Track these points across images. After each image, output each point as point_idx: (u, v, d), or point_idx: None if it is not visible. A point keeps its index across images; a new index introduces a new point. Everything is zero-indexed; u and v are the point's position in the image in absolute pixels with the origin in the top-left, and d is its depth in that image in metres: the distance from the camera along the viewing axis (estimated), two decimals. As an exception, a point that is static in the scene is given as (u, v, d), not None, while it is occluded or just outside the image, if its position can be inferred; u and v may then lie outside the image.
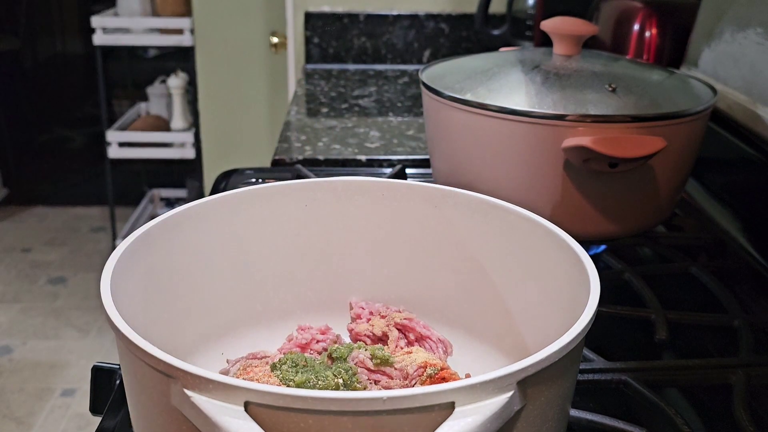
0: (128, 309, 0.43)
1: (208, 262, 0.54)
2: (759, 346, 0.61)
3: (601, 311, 0.51)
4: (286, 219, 0.57)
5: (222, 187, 0.93)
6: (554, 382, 0.38)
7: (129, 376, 0.40)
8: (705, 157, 0.80)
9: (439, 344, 0.55)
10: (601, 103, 0.69)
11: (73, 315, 2.50)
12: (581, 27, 0.78)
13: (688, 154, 0.75)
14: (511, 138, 0.70)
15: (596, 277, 0.44)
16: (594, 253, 0.75)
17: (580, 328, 0.39)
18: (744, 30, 0.86)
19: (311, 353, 0.53)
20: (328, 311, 0.59)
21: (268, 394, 0.33)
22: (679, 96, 0.75)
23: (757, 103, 0.83)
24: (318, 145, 1.12)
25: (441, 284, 0.58)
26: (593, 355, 0.58)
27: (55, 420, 2.02)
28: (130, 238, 0.47)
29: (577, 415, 0.51)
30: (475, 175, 0.74)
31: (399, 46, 1.70)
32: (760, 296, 0.72)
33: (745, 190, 0.84)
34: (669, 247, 0.77)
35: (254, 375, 0.47)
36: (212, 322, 0.55)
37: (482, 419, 0.33)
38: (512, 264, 0.54)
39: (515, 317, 0.54)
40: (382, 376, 0.49)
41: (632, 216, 0.74)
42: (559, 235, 0.49)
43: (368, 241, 0.59)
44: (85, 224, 3.15)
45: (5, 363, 2.24)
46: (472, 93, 0.73)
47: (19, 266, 2.79)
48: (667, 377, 0.57)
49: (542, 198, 0.71)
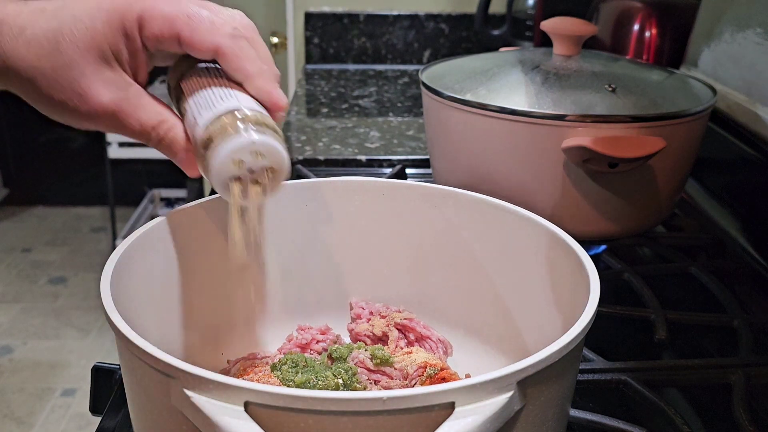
0: (128, 309, 0.43)
1: (208, 262, 0.54)
2: (759, 346, 0.61)
3: (601, 311, 0.51)
4: (286, 219, 0.57)
5: (222, 187, 0.93)
6: (554, 382, 0.38)
7: (129, 376, 0.40)
8: (705, 157, 0.81)
9: (439, 344, 0.55)
10: (600, 103, 0.69)
11: (74, 315, 2.50)
12: (581, 27, 0.78)
13: (687, 154, 0.75)
14: (511, 138, 0.70)
15: (596, 277, 0.44)
16: (594, 253, 0.75)
17: (580, 328, 0.39)
18: (744, 30, 0.86)
19: (311, 353, 0.53)
20: (328, 311, 0.59)
21: (268, 394, 0.33)
22: (678, 96, 0.75)
23: (757, 103, 0.83)
24: (318, 145, 1.12)
25: (441, 284, 0.58)
26: (593, 355, 0.58)
27: (55, 420, 2.02)
28: (130, 238, 0.47)
29: (577, 415, 0.51)
30: (475, 175, 0.74)
31: (399, 46, 1.70)
32: (760, 296, 0.72)
33: (745, 190, 0.84)
34: (669, 247, 0.77)
35: (254, 375, 0.48)
36: (212, 322, 0.55)
37: (482, 419, 0.33)
38: (512, 264, 0.54)
39: (515, 317, 0.54)
40: (382, 377, 0.49)
41: (632, 216, 0.74)
42: (559, 235, 0.49)
43: (368, 241, 0.59)
44: (85, 224, 3.15)
45: (6, 363, 2.24)
46: (472, 93, 0.73)
47: (19, 266, 2.79)
48: (666, 377, 0.57)
49: (542, 198, 0.71)
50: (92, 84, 0.43)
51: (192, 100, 0.45)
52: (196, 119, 0.44)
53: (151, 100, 0.45)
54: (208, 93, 0.44)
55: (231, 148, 0.42)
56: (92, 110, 0.44)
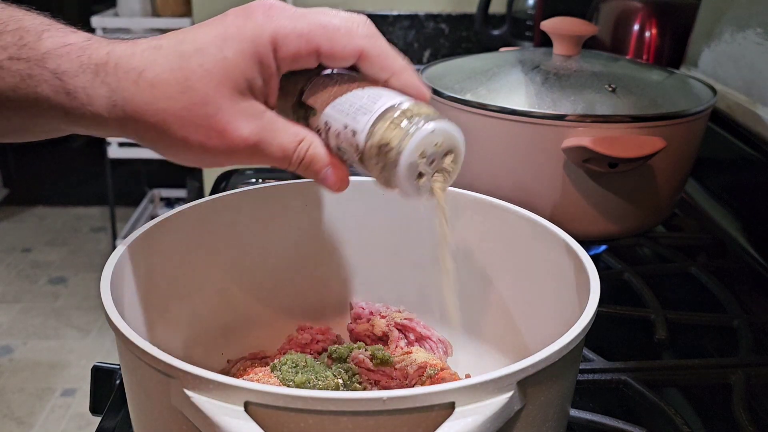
0: (128, 309, 0.43)
1: (208, 262, 0.54)
2: (759, 346, 0.61)
3: (601, 311, 0.51)
4: (286, 219, 0.57)
5: (222, 187, 0.93)
6: (554, 382, 0.38)
7: (129, 376, 0.40)
8: (705, 157, 0.80)
9: (439, 344, 0.55)
10: (600, 103, 0.69)
11: (74, 315, 2.49)
12: (581, 27, 0.78)
13: (687, 154, 0.75)
14: (511, 138, 0.70)
15: (596, 277, 0.44)
16: (594, 253, 0.75)
17: (581, 328, 0.39)
18: (744, 30, 0.86)
19: (311, 353, 0.53)
20: (328, 311, 0.59)
21: (268, 394, 0.33)
22: (678, 96, 0.75)
23: (757, 103, 0.83)
24: (318, 145, 1.12)
25: (441, 284, 0.58)
26: (593, 355, 0.58)
27: (55, 420, 2.02)
28: (130, 238, 0.47)
29: (577, 415, 0.51)
30: (475, 175, 0.74)
31: (399, 46, 1.70)
32: (760, 296, 0.72)
33: (745, 190, 0.84)
34: (669, 247, 0.77)
35: (254, 375, 0.47)
36: (212, 321, 0.55)
37: (482, 419, 0.33)
38: (512, 264, 0.54)
39: (515, 317, 0.54)
40: (382, 377, 0.49)
41: (632, 216, 0.74)
42: (559, 235, 0.49)
43: (368, 241, 0.59)
44: (85, 224, 3.15)
45: (6, 363, 2.24)
46: (472, 93, 0.73)
47: (19, 266, 2.79)
48: (666, 377, 0.57)
49: (542, 198, 0.71)
50: (231, 118, 0.40)
51: (331, 110, 0.43)
52: (351, 126, 0.42)
53: (286, 122, 0.43)
54: (351, 98, 0.43)
55: (416, 142, 0.40)
56: (233, 145, 0.41)
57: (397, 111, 0.41)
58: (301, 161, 0.43)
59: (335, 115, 0.43)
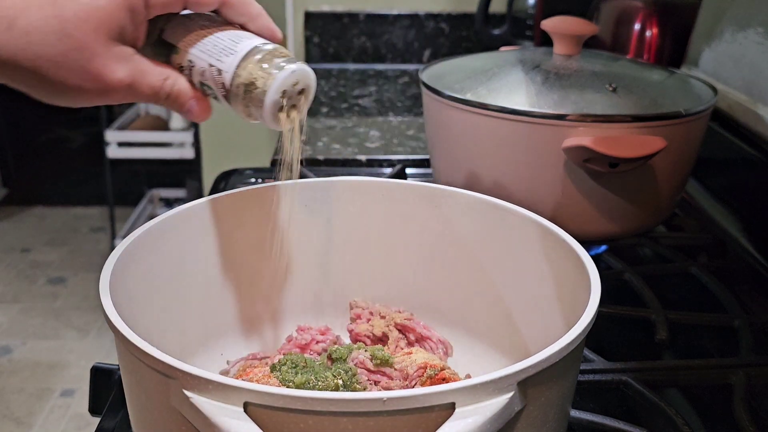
0: (128, 309, 0.42)
1: (208, 262, 0.54)
2: (759, 346, 0.61)
3: (602, 311, 0.51)
4: (286, 219, 0.57)
5: (222, 187, 0.93)
6: (554, 383, 0.38)
7: (129, 376, 0.40)
8: (705, 157, 0.80)
9: (440, 345, 0.55)
10: (601, 103, 0.69)
11: (73, 315, 2.49)
12: (581, 27, 0.77)
13: (688, 154, 0.75)
14: (511, 138, 0.70)
15: (597, 277, 0.44)
16: (595, 253, 0.75)
17: (581, 329, 0.39)
18: (744, 30, 0.86)
19: (311, 354, 0.53)
20: (328, 311, 0.59)
21: (268, 394, 0.33)
22: (679, 96, 0.75)
23: (758, 103, 0.83)
24: (318, 144, 1.12)
25: (441, 284, 0.58)
26: (593, 355, 0.58)
27: (54, 420, 2.02)
28: (129, 238, 0.47)
29: (577, 415, 0.51)
30: (475, 175, 0.73)
31: (399, 45, 1.70)
32: (760, 296, 0.72)
33: (745, 190, 0.84)
34: (669, 247, 0.77)
35: (254, 376, 0.47)
36: (212, 322, 0.55)
37: (482, 420, 0.33)
38: (512, 264, 0.53)
39: (515, 317, 0.54)
40: (382, 377, 0.49)
41: (632, 216, 0.73)
42: (560, 235, 0.49)
43: (368, 241, 0.59)
44: (84, 224, 3.15)
45: (5, 363, 2.24)
46: (473, 93, 0.72)
47: (18, 266, 2.79)
48: (667, 377, 0.57)
49: (542, 198, 0.71)
50: (106, 63, 0.44)
51: (195, 50, 0.47)
52: (216, 65, 0.46)
53: (151, 63, 0.47)
54: (213, 39, 0.47)
55: (280, 82, 0.45)
56: (110, 87, 0.45)
57: (260, 53, 0.46)
58: (167, 96, 0.47)
59: (199, 54, 0.47)
